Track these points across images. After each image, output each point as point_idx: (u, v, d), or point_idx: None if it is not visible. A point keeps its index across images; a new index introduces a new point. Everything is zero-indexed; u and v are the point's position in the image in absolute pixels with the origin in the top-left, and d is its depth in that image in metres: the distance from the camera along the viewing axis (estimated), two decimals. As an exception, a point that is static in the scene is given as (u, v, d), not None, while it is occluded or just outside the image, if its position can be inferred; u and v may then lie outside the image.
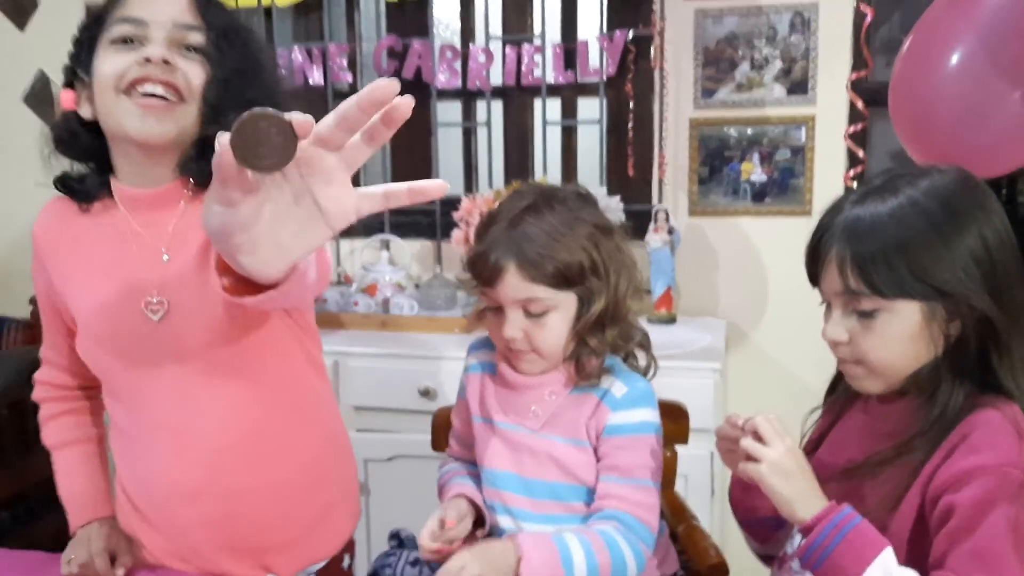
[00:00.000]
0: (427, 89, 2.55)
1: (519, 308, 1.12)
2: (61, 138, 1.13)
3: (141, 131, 1.05)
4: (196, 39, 1.07)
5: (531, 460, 1.18)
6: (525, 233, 1.09)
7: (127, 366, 1.11)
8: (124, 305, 1.09)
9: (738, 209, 2.42)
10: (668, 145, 2.42)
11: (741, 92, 2.38)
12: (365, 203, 0.68)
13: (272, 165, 0.60)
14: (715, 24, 2.37)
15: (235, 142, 0.58)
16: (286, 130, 0.59)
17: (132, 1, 1.08)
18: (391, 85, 0.60)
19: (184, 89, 1.06)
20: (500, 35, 2.53)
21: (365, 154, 0.66)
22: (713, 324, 2.36)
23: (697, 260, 2.44)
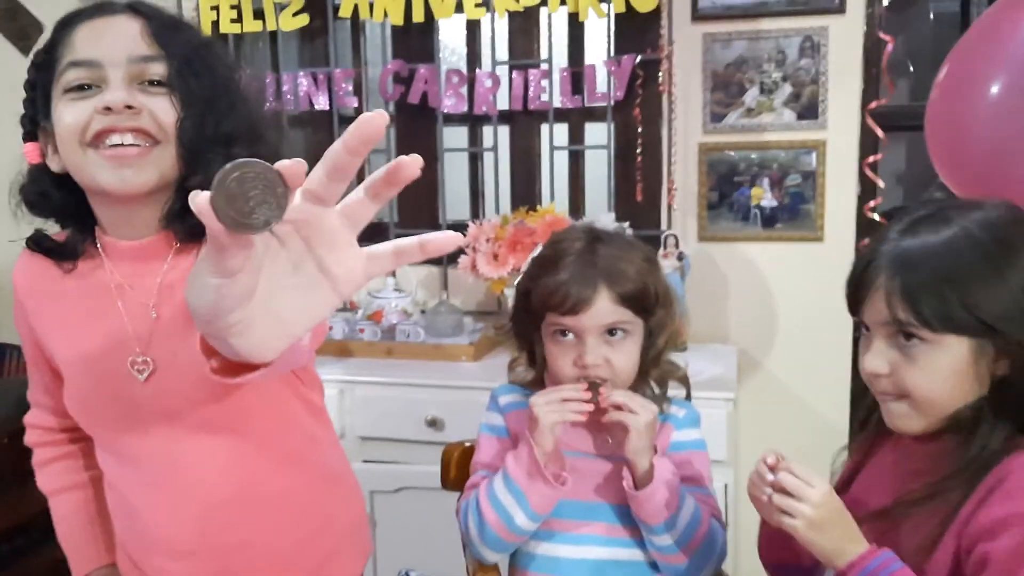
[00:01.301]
0: (433, 114, 2.53)
1: (600, 334, 1.15)
2: (31, 200, 1.04)
3: (119, 184, 0.96)
4: (157, 71, 0.97)
5: (594, 485, 1.20)
6: (607, 258, 1.15)
7: (114, 424, 1.06)
8: (109, 364, 1.03)
9: (748, 235, 2.39)
10: (677, 170, 2.39)
11: (750, 117, 2.36)
12: (375, 264, 0.60)
13: (264, 221, 0.51)
14: (724, 48, 2.35)
15: (217, 203, 0.50)
16: (274, 180, 0.51)
17: (79, 40, 0.97)
18: (376, 118, 0.52)
19: (155, 131, 0.96)
20: (506, 59, 2.51)
21: (370, 211, 0.58)
22: (724, 352, 2.33)
23: (707, 286, 2.41)
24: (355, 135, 0.52)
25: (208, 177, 0.99)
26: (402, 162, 0.54)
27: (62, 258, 1.06)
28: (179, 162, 0.98)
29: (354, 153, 0.52)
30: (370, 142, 0.52)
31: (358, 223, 0.58)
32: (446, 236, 0.59)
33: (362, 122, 0.52)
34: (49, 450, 1.22)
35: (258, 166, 0.50)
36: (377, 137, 0.52)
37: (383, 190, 0.56)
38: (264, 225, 0.51)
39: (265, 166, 0.50)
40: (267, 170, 0.51)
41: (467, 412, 2.00)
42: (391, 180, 0.55)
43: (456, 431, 2.05)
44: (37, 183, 1.03)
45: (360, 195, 0.57)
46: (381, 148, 2.62)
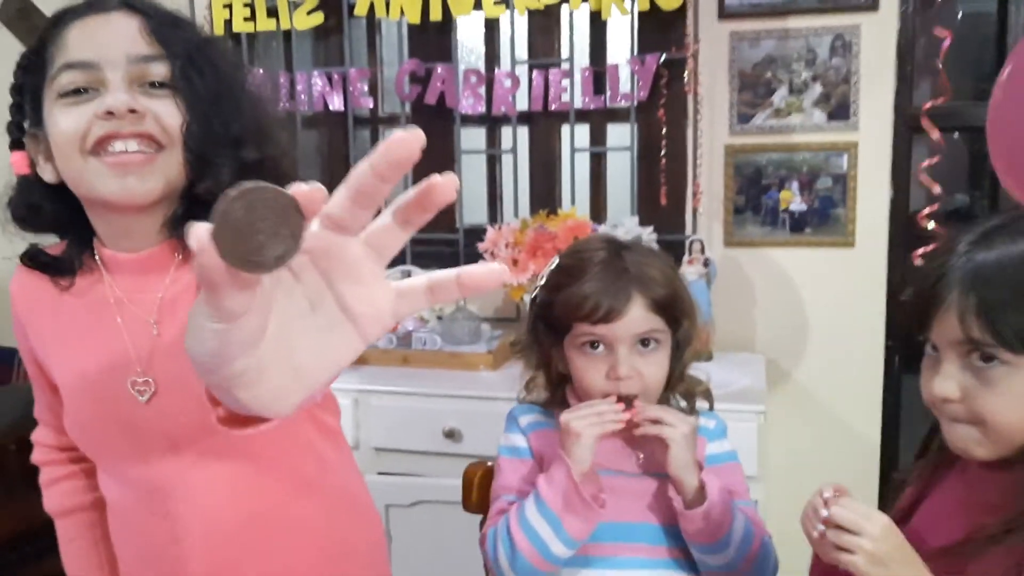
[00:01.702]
0: (450, 115, 2.47)
1: (632, 345, 1.11)
2: (21, 215, 0.96)
3: (122, 193, 0.89)
4: (159, 72, 0.90)
5: (634, 505, 1.14)
6: (636, 264, 1.11)
7: (115, 448, 0.99)
8: (108, 385, 0.96)
9: (776, 240, 2.31)
10: (702, 173, 2.32)
11: (779, 117, 2.28)
12: (405, 302, 0.51)
13: (275, 259, 0.42)
14: (751, 47, 2.28)
15: (219, 236, 0.40)
16: (287, 209, 0.42)
17: (73, 40, 0.90)
18: (410, 139, 0.43)
19: (160, 135, 0.90)
20: (526, 59, 2.45)
21: (400, 240, 0.49)
22: (751, 361, 2.25)
23: (733, 293, 2.33)
24: (384, 158, 0.43)
25: (218, 182, 0.93)
26: (435, 184, 0.46)
27: (58, 274, 0.99)
28: (185, 168, 0.92)
29: (383, 178, 0.44)
30: (402, 166, 0.43)
31: (385, 254, 0.49)
32: (488, 270, 0.49)
33: (393, 143, 0.43)
34: (55, 469, 1.16)
35: (268, 191, 0.41)
36: (410, 161, 0.43)
37: (414, 215, 0.47)
38: (276, 262, 0.42)
39: (276, 191, 0.41)
40: (279, 196, 0.42)
41: (486, 423, 1.94)
42: (423, 204, 0.46)
43: (474, 443, 1.98)
44: (27, 196, 0.96)
45: (387, 221, 0.48)
46: (397, 150, 2.56)
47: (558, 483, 1.07)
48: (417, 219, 0.48)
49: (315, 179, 1.09)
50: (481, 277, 0.49)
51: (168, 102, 0.90)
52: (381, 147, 0.43)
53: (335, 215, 0.46)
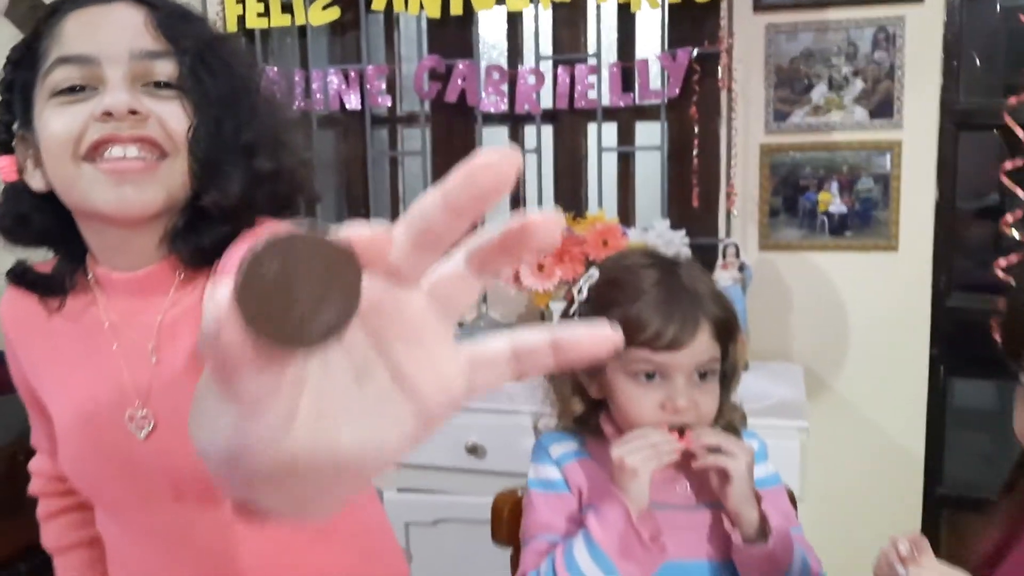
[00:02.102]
0: (471, 113, 2.37)
1: (690, 374, 1.02)
2: (6, 227, 0.88)
3: (118, 204, 0.80)
4: (166, 70, 0.82)
5: (686, 540, 1.05)
6: (695, 282, 1.04)
7: (113, 488, 0.90)
8: (103, 419, 0.88)
9: (815, 244, 2.20)
10: (737, 173, 2.21)
11: (818, 115, 2.17)
12: (483, 372, 0.37)
13: (322, 332, 0.31)
14: (789, 40, 2.16)
15: (245, 303, 0.29)
16: (340, 263, 0.31)
17: (70, 32, 0.81)
18: (503, 162, 0.31)
19: (163, 141, 0.81)
20: (551, 54, 2.35)
21: (474, 291, 0.36)
22: (789, 371, 2.14)
23: (769, 299, 2.22)
24: (465, 188, 0.31)
25: (226, 194, 0.82)
26: (532, 223, 0.33)
27: (48, 293, 0.90)
28: (190, 178, 0.83)
29: (460, 215, 0.32)
30: (488, 200, 0.31)
31: (455, 309, 0.36)
32: (596, 336, 0.36)
33: (478, 168, 0.31)
34: (53, 502, 1.08)
35: (313, 240, 0.30)
36: (499, 193, 0.31)
37: (498, 260, 0.35)
38: (324, 336, 0.31)
39: (324, 240, 0.30)
40: (328, 246, 0.30)
41: (510, 438, 1.85)
42: (512, 248, 0.34)
43: (499, 459, 1.89)
44: (13, 205, 0.87)
45: (459, 267, 0.35)
46: (415, 151, 2.47)
47: (613, 524, 0.97)
48: (502, 264, 0.35)
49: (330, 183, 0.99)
50: (587, 345, 0.36)
51: (174, 104, 0.82)
52: (460, 173, 0.31)
53: (392, 261, 0.34)
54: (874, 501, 2.21)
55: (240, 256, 0.29)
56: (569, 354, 0.36)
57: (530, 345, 0.36)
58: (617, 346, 0.36)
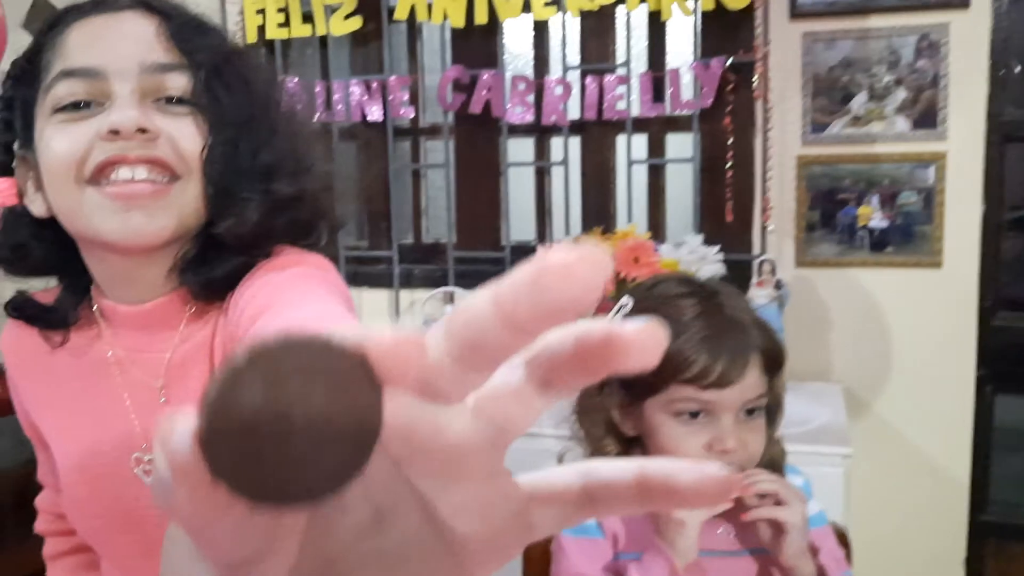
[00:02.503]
0: (496, 125, 2.31)
1: (738, 413, 0.95)
2: (4, 257, 0.81)
3: (125, 232, 0.73)
4: (178, 84, 0.75)
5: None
6: (739, 312, 0.97)
7: (117, 538, 0.84)
8: (109, 464, 0.81)
9: (854, 260, 2.12)
10: (773, 187, 2.13)
11: (857, 126, 2.08)
12: (543, 514, 0.28)
13: (321, 489, 0.22)
14: (827, 49, 2.08)
15: (214, 452, 0.21)
16: (349, 385, 0.22)
17: (74, 43, 0.75)
18: (583, 265, 0.22)
19: (175, 162, 0.73)
20: (578, 64, 2.28)
21: (536, 411, 0.26)
22: (827, 392, 2.05)
23: (806, 318, 2.14)
24: (529, 297, 0.22)
25: (242, 221, 0.73)
26: (624, 340, 0.23)
27: (49, 327, 0.84)
28: (204, 202, 0.76)
29: (519, 330, 0.23)
30: (562, 316, 0.23)
31: (510, 434, 0.27)
32: (700, 477, 0.27)
33: (549, 272, 0.22)
34: (59, 542, 1.02)
35: (312, 354, 0.21)
36: (581, 307, 0.22)
37: (571, 378, 0.25)
38: (325, 493, 0.22)
39: (327, 353, 0.22)
40: (333, 362, 0.22)
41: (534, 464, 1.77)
42: (593, 364, 0.24)
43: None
44: (12, 233, 0.81)
45: (518, 380, 0.26)
46: (439, 163, 2.41)
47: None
48: (572, 384, 0.26)
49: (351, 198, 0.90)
50: (691, 488, 0.27)
51: (187, 122, 0.75)
52: (522, 276, 0.22)
53: (430, 380, 0.25)
54: (916, 527, 2.11)
55: (210, 378, 0.21)
56: (663, 499, 0.27)
57: (609, 482, 0.27)
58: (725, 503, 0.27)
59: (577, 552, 1.01)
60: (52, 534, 1.02)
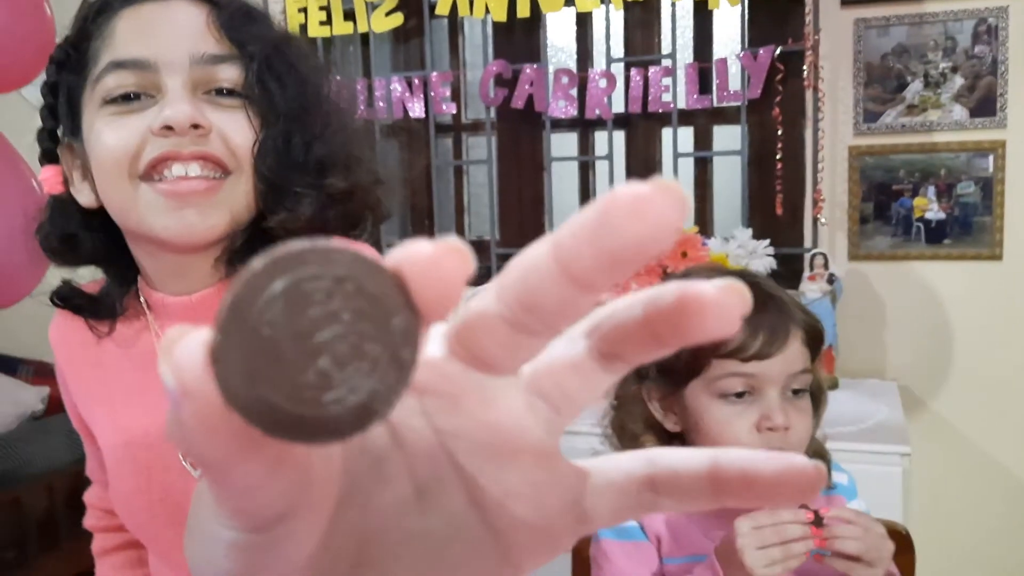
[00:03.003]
0: (539, 120, 2.28)
1: (784, 389, 0.90)
2: (52, 247, 0.79)
3: (179, 231, 0.72)
4: (229, 76, 0.73)
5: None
6: (776, 292, 0.93)
7: (163, 530, 0.83)
8: (157, 454, 0.80)
9: (910, 253, 2.05)
10: (824, 178, 2.07)
11: (912, 114, 2.02)
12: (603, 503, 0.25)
13: (352, 414, 0.19)
14: (880, 35, 2.02)
15: (226, 362, 0.18)
16: (382, 301, 0.19)
17: (123, 32, 0.73)
18: (658, 197, 0.19)
19: (226, 158, 0.72)
20: (622, 56, 2.24)
21: (599, 386, 0.24)
22: (882, 389, 1.99)
23: (860, 313, 2.08)
24: (596, 240, 0.19)
25: (295, 216, 0.72)
26: (701, 300, 0.21)
27: (96, 317, 0.82)
28: (254, 197, 0.74)
29: (584, 285, 0.20)
30: (634, 260, 0.19)
31: (569, 412, 0.25)
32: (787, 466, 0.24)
33: (617, 209, 0.19)
34: (108, 537, 1.01)
35: (337, 261, 0.19)
36: (656, 248, 0.19)
37: (639, 349, 0.23)
38: (355, 421, 0.19)
39: (354, 259, 0.19)
40: (364, 272, 0.19)
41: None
42: (665, 333, 0.22)
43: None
44: (60, 223, 0.80)
45: (578, 352, 0.24)
46: (481, 160, 2.38)
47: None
48: (640, 356, 0.23)
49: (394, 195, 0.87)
50: (772, 477, 0.24)
51: (237, 115, 0.73)
52: (586, 218, 0.19)
53: (480, 342, 0.22)
54: (979, 534, 2.04)
55: (230, 287, 0.18)
56: (739, 493, 0.24)
57: (678, 472, 0.24)
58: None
59: (622, 557, 0.96)
60: (100, 530, 1.01)
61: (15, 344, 2.62)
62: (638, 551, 0.96)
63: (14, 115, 2.00)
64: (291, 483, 0.21)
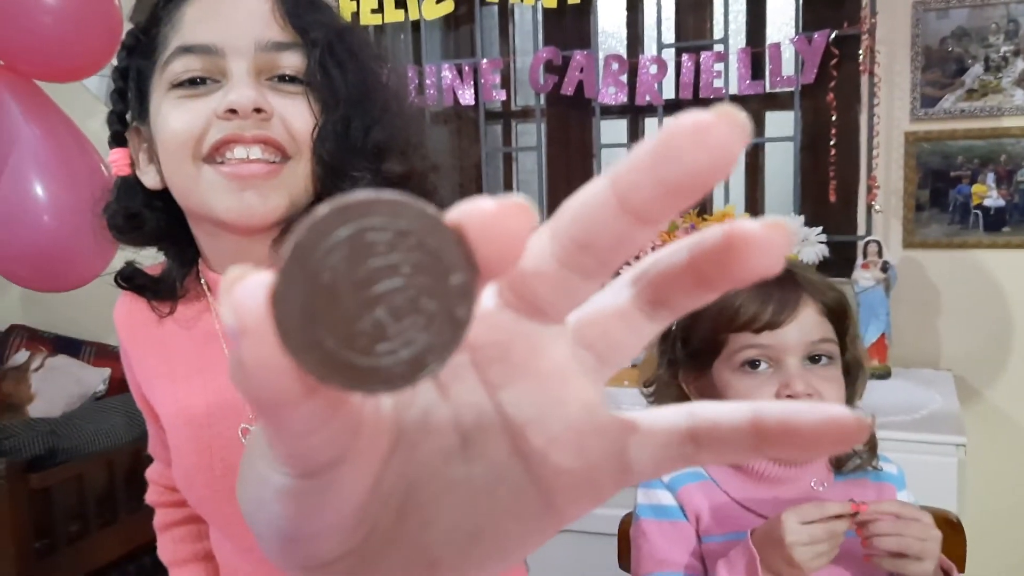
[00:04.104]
0: (589, 106, 2.27)
1: (802, 358, 0.90)
2: (118, 225, 0.81)
3: (239, 212, 0.73)
4: (292, 63, 0.75)
5: None
6: (798, 269, 0.94)
7: (225, 505, 0.84)
8: (217, 431, 0.82)
9: (967, 240, 2.01)
10: (879, 164, 2.03)
11: (972, 99, 1.97)
12: (645, 453, 0.25)
13: (408, 366, 0.19)
14: (939, 18, 1.98)
15: (286, 307, 0.19)
16: (443, 256, 0.19)
17: (191, 18, 0.75)
18: (721, 124, 0.19)
19: (286, 142, 0.73)
20: (674, 42, 2.22)
21: (643, 336, 0.25)
22: (937, 379, 1.96)
23: (915, 301, 2.04)
24: (657, 168, 0.20)
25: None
26: (745, 236, 0.21)
27: (157, 297, 0.85)
28: (313, 182, 0.76)
29: (643, 216, 0.21)
30: (694, 189, 0.20)
31: (614, 361, 0.25)
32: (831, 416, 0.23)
33: (680, 136, 0.20)
34: (170, 512, 1.04)
35: (399, 212, 0.19)
36: (717, 176, 0.20)
37: (685, 293, 0.23)
38: (411, 373, 0.20)
39: (417, 211, 0.19)
40: (425, 225, 0.19)
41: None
42: (711, 273, 0.22)
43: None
44: (125, 201, 0.82)
45: (623, 300, 0.24)
46: (530, 146, 2.39)
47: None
48: (686, 301, 0.23)
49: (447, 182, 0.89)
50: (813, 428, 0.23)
51: (299, 101, 0.75)
52: (646, 144, 0.20)
53: (531, 284, 0.23)
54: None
55: (291, 233, 0.19)
56: (781, 444, 0.23)
57: (719, 423, 0.24)
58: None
59: (660, 536, 0.96)
60: (162, 505, 1.04)
61: (77, 327, 2.70)
62: (675, 530, 0.97)
63: (80, 103, 2.06)
64: (343, 430, 0.21)
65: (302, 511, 0.23)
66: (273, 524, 0.25)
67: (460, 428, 0.25)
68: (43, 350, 2.58)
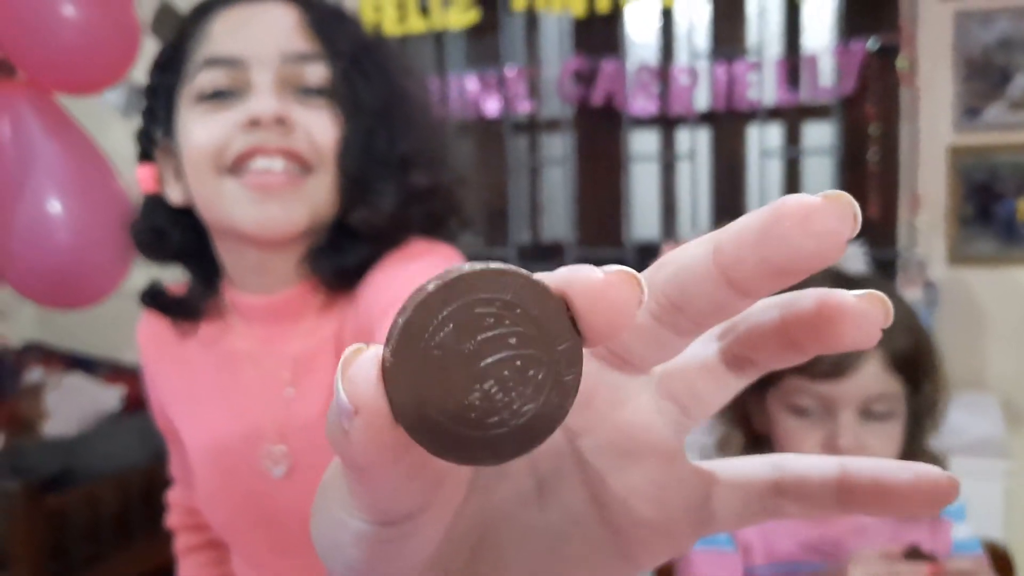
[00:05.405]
0: (619, 117, 2.24)
1: (857, 411, 0.86)
2: (144, 241, 0.82)
3: (260, 223, 0.73)
4: (317, 74, 0.75)
5: None
6: None
7: (247, 532, 0.83)
8: (238, 456, 0.81)
9: (1013, 257, 1.95)
10: (921, 178, 1.98)
11: (1017, 111, 1.91)
12: (728, 505, 0.25)
13: (514, 446, 0.20)
14: (982, 27, 1.92)
15: (399, 380, 0.19)
16: (552, 332, 0.19)
17: (218, 32, 0.75)
18: (830, 211, 0.19)
19: (309, 154, 0.72)
20: (707, 51, 2.17)
21: (727, 391, 0.25)
22: (983, 403, 1.89)
23: (959, 321, 1.98)
24: (761, 247, 0.19)
25: (377, 212, 0.72)
26: (841, 308, 0.21)
27: (181, 317, 0.84)
28: (337, 194, 0.75)
29: (742, 290, 0.20)
30: (796, 272, 0.19)
31: (697, 415, 0.25)
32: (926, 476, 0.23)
33: (786, 218, 0.19)
34: (192, 536, 1.02)
35: (509, 284, 0.19)
36: (821, 263, 0.19)
37: (774, 356, 0.23)
38: (521, 446, 0.20)
39: (523, 280, 0.19)
40: (531, 296, 0.19)
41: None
42: (802, 339, 0.22)
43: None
44: (151, 218, 0.82)
45: (709, 356, 0.24)
46: (558, 159, 2.34)
47: None
48: (775, 362, 0.23)
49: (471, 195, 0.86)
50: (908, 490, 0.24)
51: (323, 113, 0.74)
52: (752, 220, 0.19)
53: (622, 339, 0.22)
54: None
55: (401, 305, 0.19)
56: (868, 503, 0.24)
57: (806, 478, 0.25)
58: None
59: (707, 566, 0.94)
60: (183, 529, 1.03)
61: (92, 344, 2.67)
62: (722, 560, 0.94)
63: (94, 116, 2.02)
64: (428, 483, 0.21)
65: (378, 555, 0.23)
66: (349, 566, 0.25)
67: (537, 473, 0.25)
68: (58, 368, 2.55)
